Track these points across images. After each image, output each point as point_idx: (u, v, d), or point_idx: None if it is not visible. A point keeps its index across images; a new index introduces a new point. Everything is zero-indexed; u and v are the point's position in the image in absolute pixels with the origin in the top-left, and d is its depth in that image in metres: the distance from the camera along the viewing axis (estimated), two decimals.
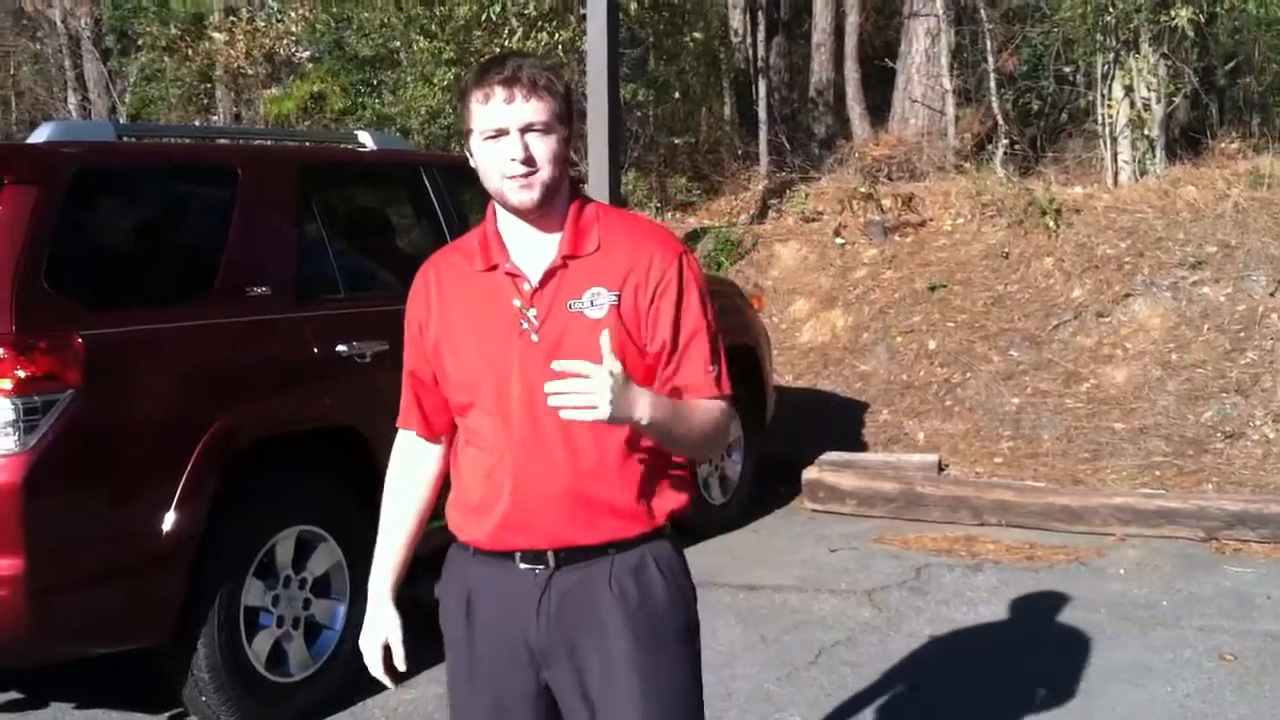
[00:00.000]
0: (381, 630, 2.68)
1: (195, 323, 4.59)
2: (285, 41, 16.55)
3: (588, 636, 2.47)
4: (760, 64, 15.67)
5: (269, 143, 6.63)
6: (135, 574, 4.25)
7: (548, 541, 2.46)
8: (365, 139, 6.05)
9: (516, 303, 2.44)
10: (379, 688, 4.91)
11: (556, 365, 2.25)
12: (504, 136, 2.39)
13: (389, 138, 6.75)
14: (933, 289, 10.13)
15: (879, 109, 15.34)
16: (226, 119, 16.83)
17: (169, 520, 4.29)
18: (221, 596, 4.45)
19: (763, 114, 14.83)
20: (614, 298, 2.43)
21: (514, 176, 2.39)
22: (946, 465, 8.17)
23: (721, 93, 16.73)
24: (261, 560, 4.63)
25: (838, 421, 8.97)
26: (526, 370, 2.40)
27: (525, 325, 2.43)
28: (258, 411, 4.69)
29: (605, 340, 2.26)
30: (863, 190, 11.63)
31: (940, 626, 5.63)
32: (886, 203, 11.48)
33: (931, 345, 9.58)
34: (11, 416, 3.93)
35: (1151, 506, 7.07)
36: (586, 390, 2.21)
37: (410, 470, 2.71)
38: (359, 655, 4.81)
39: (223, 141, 6.47)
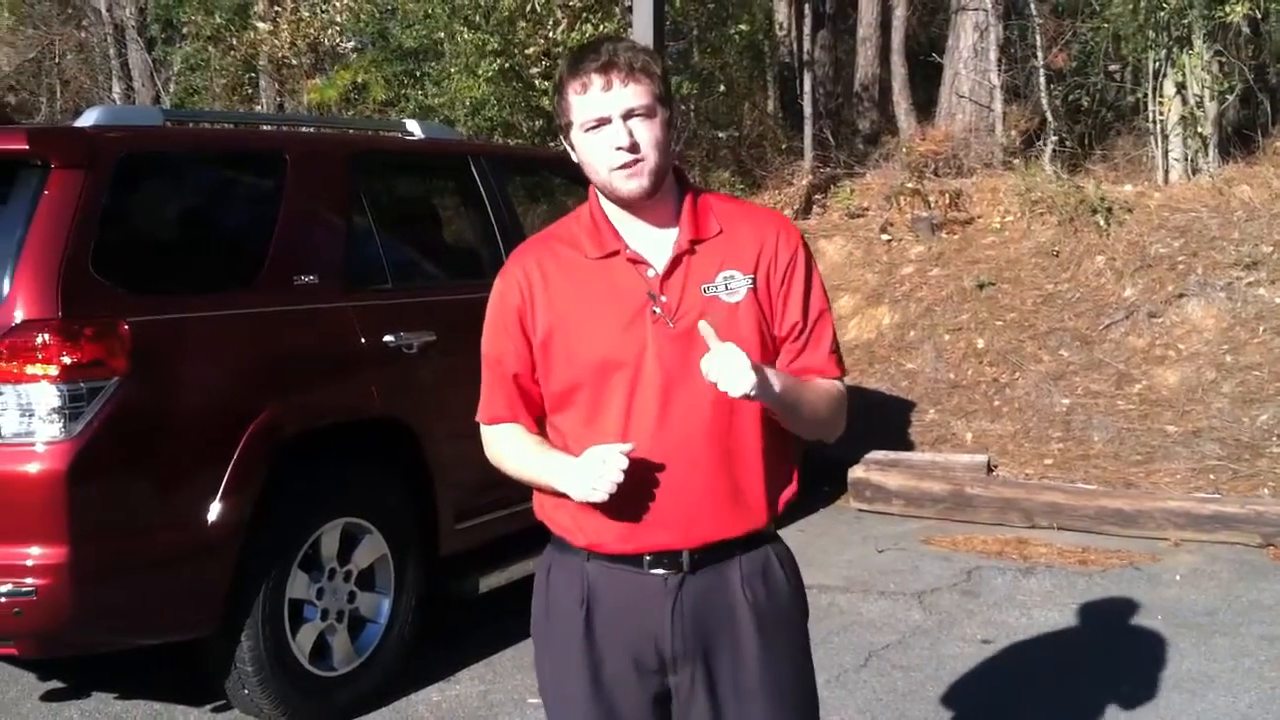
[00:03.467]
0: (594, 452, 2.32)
1: (242, 311, 4.52)
2: (329, 31, 16.52)
3: (721, 640, 2.43)
4: (805, 58, 15.53)
5: (318, 130, 6.57)
6: (180, 564, 4.20)
7: (685, 539, 2.40)
8: (413, 127, 5.98)
9: (646, 290, 2.38)
10: (423, 683, 4.91)
11: (701, 325, 2.28)
12: (606, 125, 2.34)
13: (436, 126, 6.67)
14: (981, 287, 9.99)
15: (925, 105, 15.16)
16: (270, 109, 16.81)
17: (214, 510, 4.23)
18: (266, 588, 4.39)
19: (808, 108, 14.68)
20: (750, 281, 2.41)
21: (621, 166, 2.34)
22: (995, 466, 8.04)
23: (765, 86, 16.60)
24: (306, 552, 4.57)
25: (883, 420, 8.85)
26: (665, 357, 2.36)
27: (658, 311, 2.37)
28: (304, 402, 4.63)
29: (706, 328, 2.28)
30: (910, 186, 11.49)
31: (993, 631, 5.52)
32: (933, 199, 11.34)
33: (980, 344, 9.45)
34: (57, 403, 3.88)
35: (1206, 511, 6.92)
36: (728, 366, 2.21)
37: (520, 431, 2.50)
38: (404, 649, 4.83)
39: (270, 128, 6.41)
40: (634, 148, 2.33)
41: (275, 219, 4.74)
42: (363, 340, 4.82)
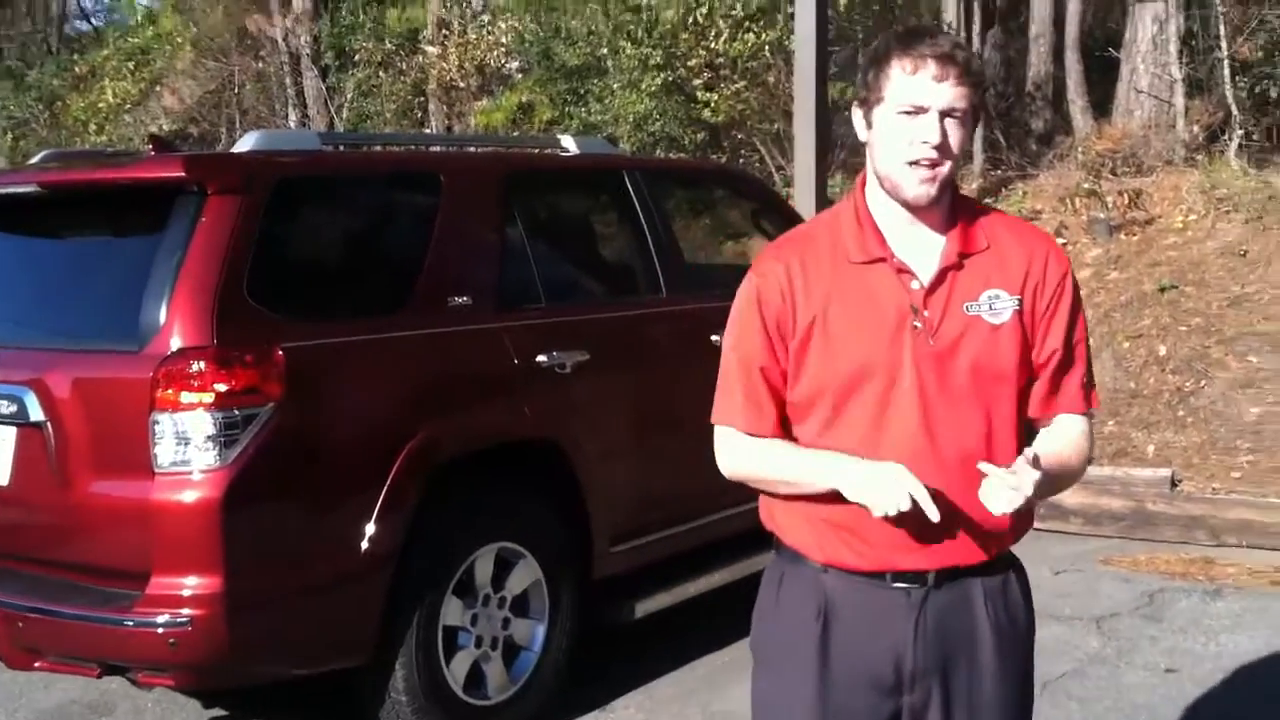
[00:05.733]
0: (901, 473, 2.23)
1: (396, 334, 4.51)
2: (495, 53, 16.72)
3: (960, 657, 2.37)
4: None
5: (472, 149, 6.57)
6: (334, 592, 4.18)
7: (932, 562, 2.33)
8: (568, 143, 5.93)
9: (910, 303, 2.31)
10: (579, 711, 4.83)
11: (982, 466, 2.21)
12: (922, 114, 2.25)
13: (592, 141, 6.61)
14: (1163, 290, 9.55)
15: (1101, 102, 14.64)
16: (439, 132, 17.08)
17: (368, 537, 4.21)
18: (420, 615, 4.35)
19: None
20: (1015, 303, 2.34)
21: (918, 162, 2.26)
22: (1179, 480, 7.64)
23: None
24: (460, 578, 4.52)
25: None
26: (923, 372, 2.30)
27: (918, 325, 2.31)
28: (457, 425, 4.59)
29: (988, 469, 2.22)
30: (1086, 186, 11.07)
31: (1177, 659, 5.20)
32: (1111, 199, 10.91)
33: (1162, 351, 9.02)
34: (212, 430, 3.89)
35: None
36: (1009, 488, 2.17)
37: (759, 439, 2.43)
38: (559, 677, 4.76)
39: (425, 149, 6.44)
40: (941, 148, 2.25)
41: (429, 240, 4.72)
42: (515, 361, 4.76)
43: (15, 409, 4.18)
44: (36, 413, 4.13)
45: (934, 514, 2.18)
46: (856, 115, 2.36)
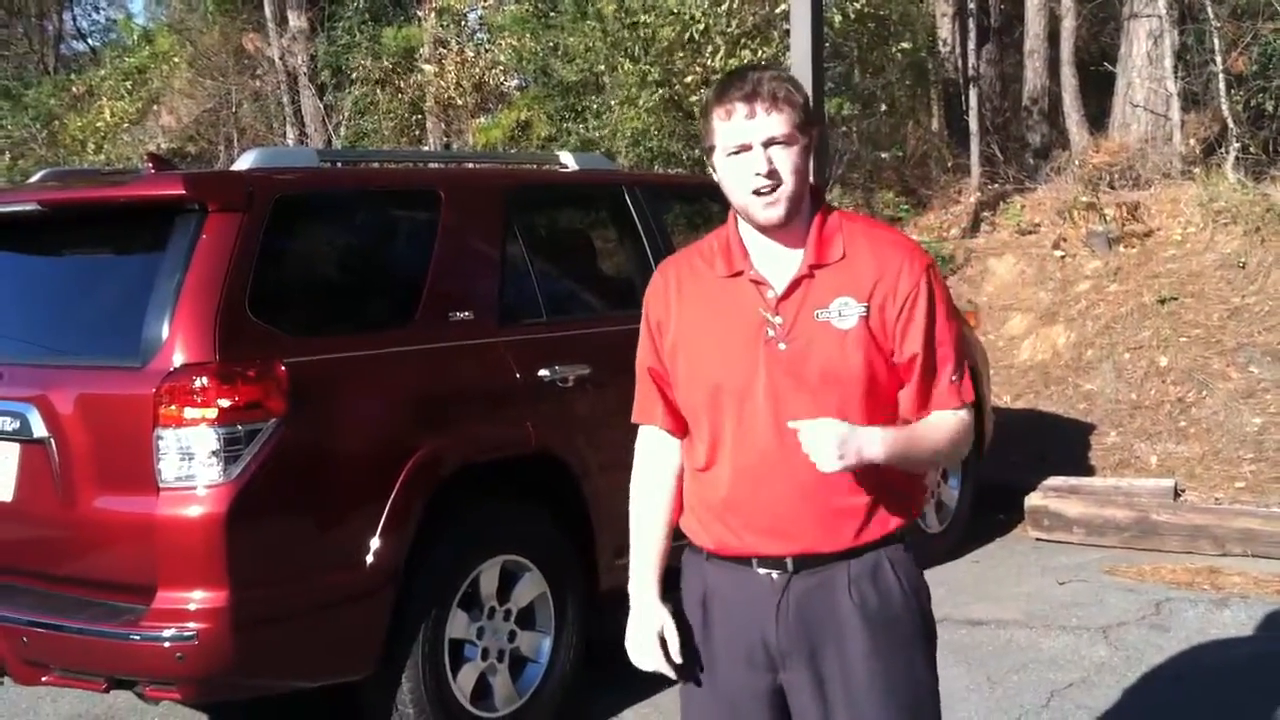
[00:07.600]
0: (654, 624, 2.61)
1: (398, 349, 4.51)
2: (494, 71, 16.75)
3: (827, 640, 2.51)
4: (971, 73, 15.18)
5: (471, 165, 6.57)
6: (339, 605, 4.18)
7: (787, 548, 2.50)
8: (567, 159, 5.94)
9: (762, 310, 2.48)
10: None
11: (792, 424, 2.38)
12: (747, 152, 2.45)
13: (591, 157, 6.62)
14: (1162, 302, 9.56)
15: (1097, 116, 14.67)
16: (437, 149, 17.08)
17: (372, 550, 4.21)
18: (426, 628, 4.35)
19: (974, 124, 14.33)
20: (863, 309, 2.47)
21: (759, 192, 2.44)
22: (1183, 490, 7.63)
23: (929, 104, 16.29)
24: (466, 591, 4.52)
25: (1061, 444, 8.50)
26: (774, 378, 2.46)
27: (771, 333, 2.47)
28: (460, 438, 4.59)
29: (795, 424, 2.39)
30: (1084, 200, 11.08)
31: (1185, 668, 5.19)
32: (1109, 212, 10.92)
33: (1163, 362, 9.02)
34: (215, 446, 3.89)
35: None
36: (817, 444, 2.34)
37: (656, 465, 2.70)
38: (566, 689, 4.74)
39: (424, 165, 6.44)
40: (772, 174, 2.44)
41: (430, 256, 4.73)
42: (517, 375, 4.77)
43: (18, 425, 4.18)
44: (40, 429, 4.13)
45: (669, 672, 2.60)
46: (709, 164, 2.56)
